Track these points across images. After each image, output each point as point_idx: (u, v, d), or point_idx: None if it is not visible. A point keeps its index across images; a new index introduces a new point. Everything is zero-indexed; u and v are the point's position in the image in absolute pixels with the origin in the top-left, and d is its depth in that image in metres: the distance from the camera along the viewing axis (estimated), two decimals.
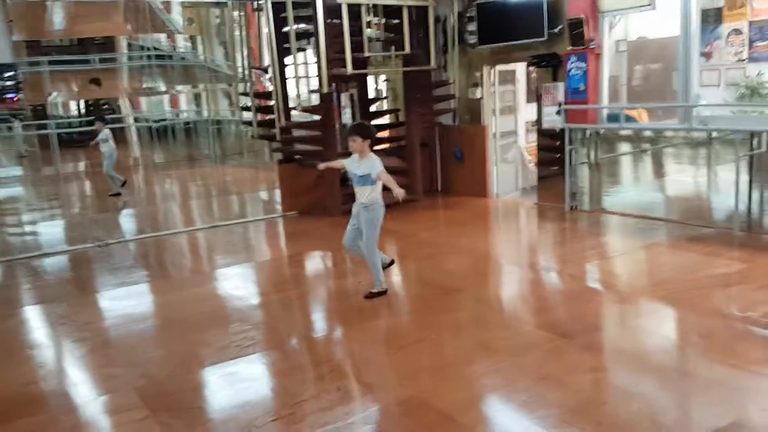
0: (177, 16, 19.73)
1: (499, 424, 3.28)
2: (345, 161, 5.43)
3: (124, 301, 5.85)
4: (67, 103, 24.51)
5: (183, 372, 4.23)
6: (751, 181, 6.80)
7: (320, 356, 4.43)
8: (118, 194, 11.70)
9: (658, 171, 11.76)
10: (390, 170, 9.76)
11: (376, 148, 10.29)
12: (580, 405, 3.43)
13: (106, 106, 24.53)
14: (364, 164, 5.17)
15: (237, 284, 6.24)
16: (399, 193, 5.00)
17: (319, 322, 5.02)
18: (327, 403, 3.65)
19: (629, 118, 7.65)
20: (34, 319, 5.52)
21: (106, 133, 11.47)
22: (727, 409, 3.29)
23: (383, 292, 5.35)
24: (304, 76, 9.58)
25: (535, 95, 8.93)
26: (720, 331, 4.29)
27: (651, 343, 4.28)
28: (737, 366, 3.79)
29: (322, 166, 5.89)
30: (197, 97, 22.61)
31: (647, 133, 13.34)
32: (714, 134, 11.13)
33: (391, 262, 5.76)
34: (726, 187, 9.01)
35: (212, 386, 4.02)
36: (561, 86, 8.02)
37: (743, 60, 7.72)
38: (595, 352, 4.16)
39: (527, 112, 10.12)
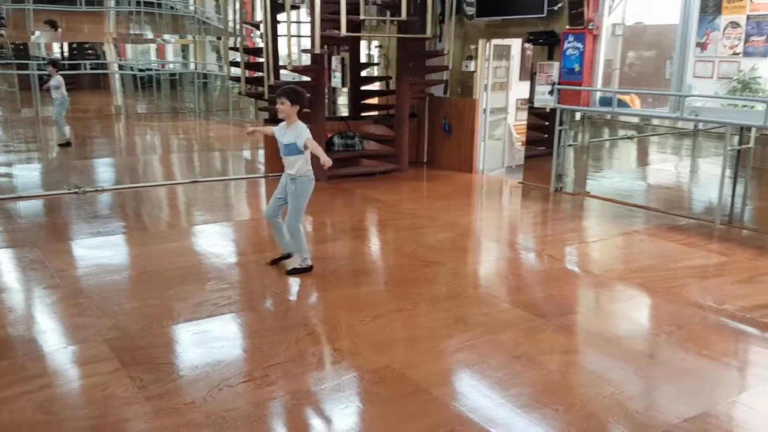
0: None
1: (473, 399, 3.27)
2: (274, 128, 5.10)
3: (99, 250, 5.75)
4: (50, 44, 23.84)
5: (156, 326, 4.17)
6: (735, 176, 6.83)
7: (296, 320, 4.39)
8: (68, 144, 11.35)
9: (644, 159, 11.81)
10: (377, 138, 9.80)
11: (364, 114, 10.22)
12: (554, 386, 3.44)
13: (90, 51, 23.92)
14: (292, 132, 4.87)
15: (215, 242, 6.16)
16: (326, 161, 4.67)
17: (296, 286, 4.97)
18: (301, 368, 3.62)
19: (621, 103, 7.59)
20: (5, 262, 5.40)
21: (58, 79, 11.00)
22: (698, 398, 3.32)
23: (309, 269, 5.12)
24: (296, 35, 9.38)
25: (529, 73, 8.84)
26: (695, 321, 4.32)
27: (626, 329, 4.30)
28: (710, 357, 3.82)
29: (250, 129, 5.61)
30: (184, 49, 22.12)
31: (635, 120, 13.37)
32: (701, 126, 11.15)
33: (288, 256, 5.28)
34: (710, 179, 9.08)
35: (185, 343, 3.97)
36: (556, 65, 7.94)
37: (738, 53, 7.69)
38: (570, 335, 4.17)
39: (519, 89, 10.04)
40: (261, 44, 9.35)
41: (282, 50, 9.37)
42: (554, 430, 3.01)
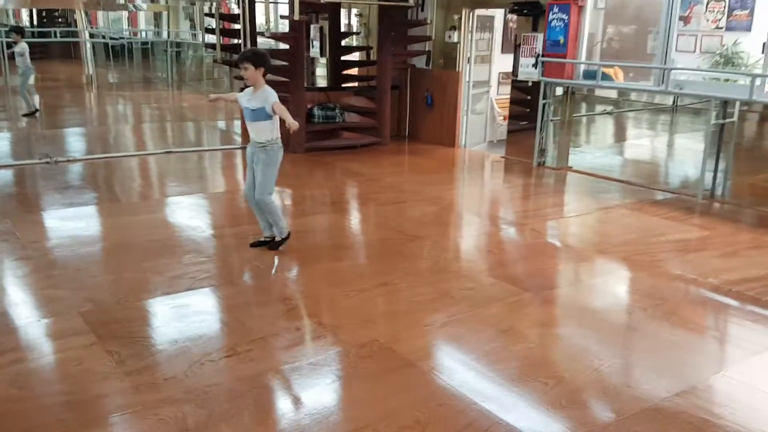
0: None
1: (460, 373, 3.21)
2: (238, 95, 4.86)
3: (72, 222, 5.56)
4: (18, 11, 23.06)
5: (132, 299, 4.03)
6: (718, 150, 6.83)
7: (278, 294, 4.29)
8: (33, 114, 10.97)
9: (624, 134, 11.82)
10: (358, 110, 9.63)
11: (345, 85, 10.03)
12: (541, 359, 3.40)
13: (60, 19, 23.19)
14: (258, 97, 4.61)
15: (191, 214, 6.00)
16: (292, 123, 4.39)
17: (277, 260, 4.84)
18: (286, 342, 3.53)
19: (605, 77, 7.52)
20: None
21: (22, 46, 10.60)
22: (686, 372, 3.30)
23: (287, 237, 4.93)
24: (273, 0, 9.12)
25: (512, 45, 8.73)
26: (679, 295, 4.31)
27: (610, 303, 4.28)
28: (696, 330, 3.82)
29: (212, 96, 5.30)
30: (157, 17, 21.53)
31: (613, 95, 13.37)
32: (680, 101, 11.14)
33: (271, 240, 4.98)
34: (690, 154, 9.11)
35: (164, 317, 3.85)
36: (540, 37, 7.83)
37: (721, 28, 7.65)
38: (555, 308, 4.13)
39: (502, 63, 9.93)
40: (237, 10, 9.08)
41: (259, 17, 9.12)
42: (544, 403, 2.96)
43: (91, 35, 21.74)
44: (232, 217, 6.05)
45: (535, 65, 7.93)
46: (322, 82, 11.25)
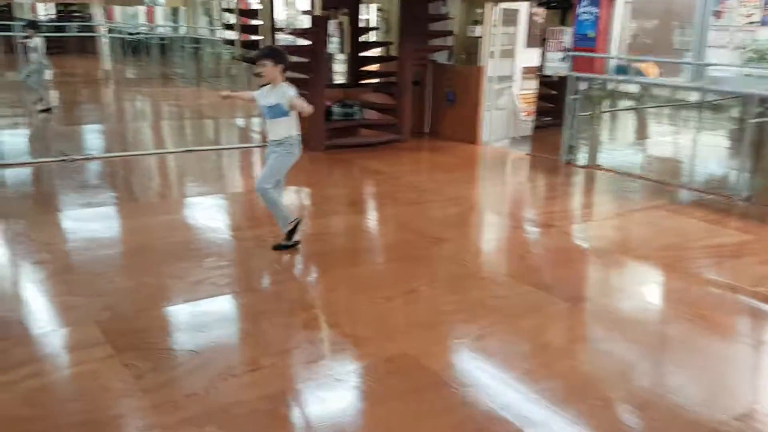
0: None
1: (500, 394, 3.00)
2: (255, 93, 4.74)
3: (89, 223, 5.41)
4: (34, 5, 23.05)
5: (151, 307, 3.86)
6: (758, 149, 6.53)
7: (302, 302, 4.10)
8: (48, 110, 10.86)
9: (652, 130, 11.48)
10: (377, 107, 9.41)
11: (364, 82, 9.81)
12: (588, 377, 3.18)
13: (77, 14, 23.17)
14: (277, 93, 4.49)
15: (212, 215, 5.83)
16: (306, 106, 4.37)
17: (299, 264, 4.66)
18: (310, 355, 3.34)
19: (638, 72, 7.25)
20: None
21: (35, 41, 10.39)
22: (745, 392, 3.07)
23: (295, 226, 4.72)
24: None
25: (540, 39, 8.46)
26: (729, 306, 4.06)
27: (658, 315, 4.05)
28: (748, 345, 3.58)
29: (224, 93, 5.10)
30: (174, 13, 21.43)
31: (634, 91, 12.97)
32: (713, 97, 10.74)
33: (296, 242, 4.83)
34: (722, 153, 8.79)
35: (184, 326, 3.68)
36: (569, 31, 7.57)
37: (754, 23, 7.36)
38: (599, 320, 3.90)
39: (525, 57, 9.67)
40: (256, 6, 8.91)
41: (279, 13, 8.94)
42: (597, 429, 2.74)
43: (109, 30, 21.69)
44: (253, 218, 5.86)
45: (563, 59, 7.67)
46: (339, 79, 11.05)
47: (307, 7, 8.36)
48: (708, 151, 9.59)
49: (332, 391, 3.02)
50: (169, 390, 3.00)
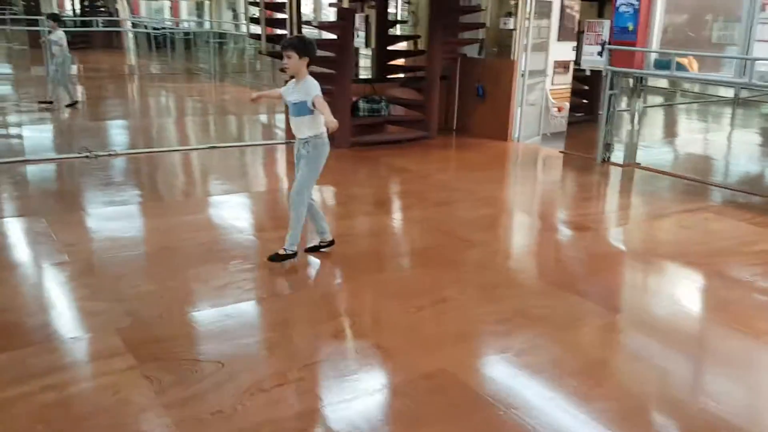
0: None
1: (549, 415, 2.76)
2: (281, 89, 4.47)
3: (112, 222, 5.26)
4: (61, 0, 23.17)
5: (175, 313, 3.68)
6: None
7: (329, 309, 3.90)
8: (75, 103, 10.77)
9: (687, 126, 11.10)
10: (404, 103, 9.17)
11: (390, 76, 9.57)
12: (645, 398, 2.92)
13: (103, 8, 23.23)
14: (301, 89, 4.21)
15: (237, 215, 5.66)
16: (330, 122, 4.00)
17: (325, 268, 4.45)
18: (341, 369, 3.13)
19: (680, 67, 6.90)
20: (9, 234, 4.92)
21: (58, 34, 10.25)
22: None
23: (292, 255, 4.38)
24: None
25: (576, 32, 8.15)
26: None
27: (714, 329, 3.76)
28: None
29: (255, 95, 4.87)
30: (199, 7, 21.39)
31: (664, 86, 12.54)
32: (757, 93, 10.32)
33: (331, 242, 4.63)
34: (761, 150, 8.40)
35: (209, 335, 3.48)
36: (607, 24, 7.26)
37: None
38: (652, 333, 3.62)
39: (557, 50, 9.35)
40: None
41: (305, 6, 8.72)
42: None
43: (134, 25, 21.71)
44: (277, 218, 5.64)
45: (600, 53, 7.36)
46: (364, 73, 10.83)
47: (334, 0, 8.13)
48: (753, 150, 9.17)
49: (366, 410, 2.81)
50: (193, 406, 2.81)
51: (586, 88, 10.16)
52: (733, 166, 8.36)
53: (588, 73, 9.65)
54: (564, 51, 9.56)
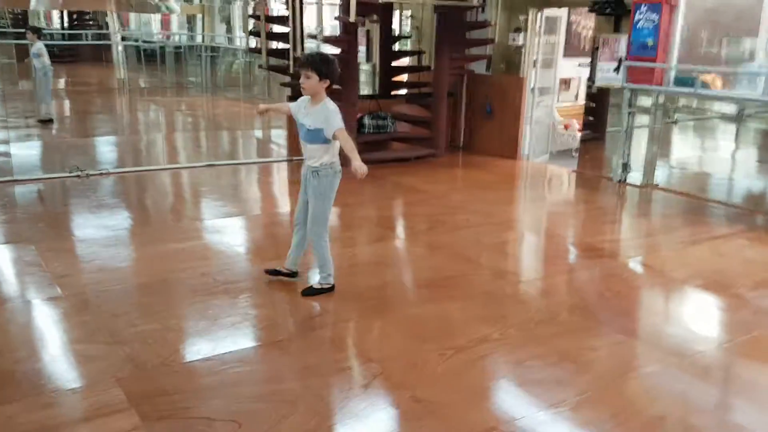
0: None
1: None
2: (292, 105, 4.03)
3: (106, 249, 4.85)
4: (49, 12, 22.71)
5: (180, 359, 3.30)
6: None
7: (355, 353, 3.52)
8: (50, 120, 10.32)
9: (701, 145, 10.81)
10: (410, 119, 8.83)
11: (395, 93, 9.24)
12: None
13: (92, 22, 22.78)
14: (317, 114, 3.78)
15: (242, 240, 5.30)
16: (358, 167, 3.64)
17: (348, 302, 4.03)
18: (376, 428, 2.74)
19: (703, 84, 6.63)
20: None
21: (38, 46, 9.88)
22: None
23: (330, 289, 4.09)
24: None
25: (591, 48, 7.86)
26: None
27: None
28: None
29: (262, 107, 4.29)
30: (191, 20, 21.00)
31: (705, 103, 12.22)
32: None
33: (293, 274, 4.23)
34: None
35: (221, 385, 3.07)
36: (623, 39, 6.98)
37: None
38: (718, 381, 3.27)
39: (563, 67, 9.08)
40: (281, 12, 8.39)
41: (308, 19, 8.38)
42: None
43: (123, 38, 21.28)
44: (284, 244, 5.25)
45: (617, 70, 7.08)
46: (364, 89, 10.50)
47: (338, 14, 7.79)
48: (761, 168, 8.88)
49: None
50: None
51: (593, 105, 9.88)
52: (754, 186, 8.06)
53: (595, 90, 9.38)
54: (569, 68, 9.30)
